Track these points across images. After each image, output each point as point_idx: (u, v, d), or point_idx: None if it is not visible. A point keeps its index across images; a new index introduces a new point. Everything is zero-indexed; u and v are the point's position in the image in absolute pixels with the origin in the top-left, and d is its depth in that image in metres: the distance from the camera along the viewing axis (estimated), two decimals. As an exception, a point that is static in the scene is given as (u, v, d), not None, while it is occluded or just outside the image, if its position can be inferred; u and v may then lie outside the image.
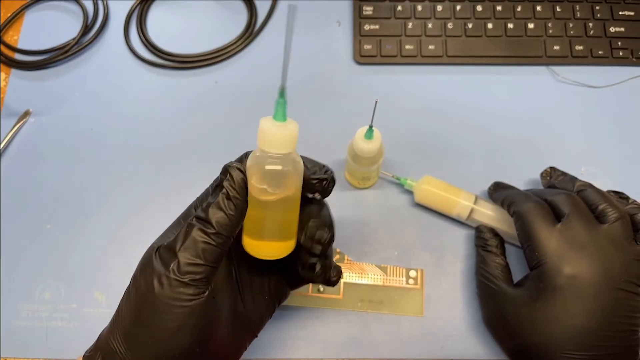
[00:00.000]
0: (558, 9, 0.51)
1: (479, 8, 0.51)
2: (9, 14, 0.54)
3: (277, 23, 0.53)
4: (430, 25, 0.51)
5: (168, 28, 0.54)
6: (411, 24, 0.51)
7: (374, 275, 0.43)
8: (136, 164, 0.47)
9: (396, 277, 0.43)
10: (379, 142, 0.39)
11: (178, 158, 0.48)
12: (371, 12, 0.52)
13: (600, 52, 0.50)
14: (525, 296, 0.35)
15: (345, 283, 0.42)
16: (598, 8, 0.51)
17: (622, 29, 0.51)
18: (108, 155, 0.48)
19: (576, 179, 0.39)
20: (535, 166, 0.44)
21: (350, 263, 0.43)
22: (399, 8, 0.52)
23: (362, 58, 0.51)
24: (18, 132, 0.49)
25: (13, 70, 0.52)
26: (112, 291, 0.43)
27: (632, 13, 0.51)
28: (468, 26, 0.51)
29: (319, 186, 0.29)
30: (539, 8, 0.51)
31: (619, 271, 0.33)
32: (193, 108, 0.50)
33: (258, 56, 0.52)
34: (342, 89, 0.50)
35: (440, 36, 0.51)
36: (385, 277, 0.43)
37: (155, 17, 0.54)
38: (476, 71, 0.51)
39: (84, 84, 0.51)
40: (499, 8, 0.51)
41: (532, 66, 0.50)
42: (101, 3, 0.54)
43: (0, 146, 0.48)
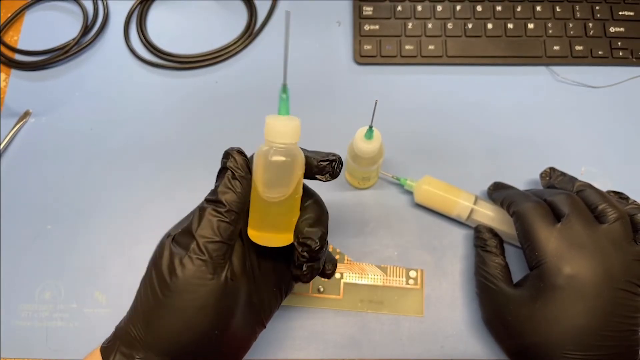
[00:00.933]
0: (558, 9, 0.51)
1: (479, 8, 0.51)
2: (9, 14, 0.54)
3: (277, 23, 0.53)
4: (430, 25, 0.51)
5: (168, 28, 0.54)
6: (411, 24, 0.51)
7: (374, 275, 0.43)
8: (136, 164, 0.47)
9: (396, 277, 0.43)
10: (379, 142, 0.39)
11: (178, 158, 0.48)
12: (371, 13, 0.52)
13: (600, 52, 0.50)
14: (525, 296, 0.35)
15: (345, 283, 0.42)
16: (598, 8, 0.51)
17: (622, 29, 0.51)
18: (108, 155, 0.48)
19: (575, 179, 0.39)
20: (535, 166, 0.44)
21: (350, 263, 0.43)
22: (399, 8, 0.52)
23: (362, 58, 0.51)
24: (18, 133, 0.49)
25: (13, 70, 0.52)
26: (112, 291, 0.43)
27: (632, 13, 0.51)
28: (468, 26, 0.51)
29: (329, 167, 0.30)
30: (539, 8, 0.51)
31: (619, 271, 0.33)
32: (193, 108, 0.50)
33: (258, 56, 0.52)
34: (342, 89, 0.50)
35: (440, 36, 0.51)
36: (385, 277, 0.43)
37: (155, 17, 0.54)
38: (476, 71, 0.51)
39: (84, 84, 0.51)
40: (499, 8, 0.51)
41: (532, 66, 0.51)
42: (101, 3, 0.54)
43: (0, 146, 0.48)
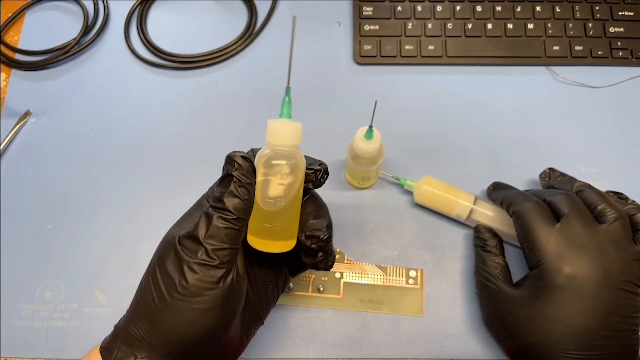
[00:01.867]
0: (557, 9, 0.51)
1: (479, 8, 0.51)
2: (10, 14, 0.54)
3: (277, 23, 0.54)
4: (430, 25, 0.51)
5: (168, 28, 0.54)
6: (411, 25, 0.51)
7: (374, 275, 0.43)
8: (136, 164, 0.48)
9: (396, 277, 0.43)
10: (379, 142, 0.39)
11: (178, 158, 0.48)
12: (371, 13, 0.52)
13: (599, 52, 0.50)
14: (524, 296, 0.35)
15: (345, 283, 0.42)
16: (597, 8, 0.51)
17: (622, 29, 0.51)
18: (108, 155, 0.48)
19: (575, 180, 0.40)
20: (534, 166, 0.44)
21: (350, 263, 0.43)
22: (399, 8, 0.52)
23: (362, 58, 0.51)
24: (18, 133, 0.49)
25: (13, 70, 0.52)
26: (113, 291, 0.43)
27: (632, 13, 0.51)
28: (468, 26, 0.51)
29: (313, 176, 0.31)
30: (539, 8, 0.51)
31: (618, 271, 0.33)
32: (193, 108, 0.50)
33: (258, 56, 0.52)
34: (342, 89, 0.50)
35: (440, 36, 0.51)
36: (385, 277, 0.43)
37: (155, 18, 0.54)
38: (476, 71, 0.51)
39: (84, 85, 0.51)
40: (499, 8, 0.52)
41: (532, 66, 0.51)
42: (101, 3, 0.55)
43: (0, 146, 0.48)
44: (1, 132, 0.49)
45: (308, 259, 0.32)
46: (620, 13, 0.51)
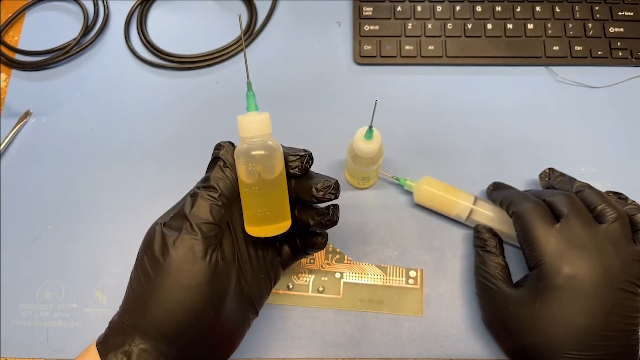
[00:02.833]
0: (557, 10, 0.51)
1: (479, 9, 0.52)
2: (10, 15, 0.54)
3: (277, 23, 0.54)
4: (429, 25, 0.51)
5: (168, 28, 0.54)
6: (411, 25, 0.51)
7: (374, 275, 0.43)
8: (136, 164, 0.48)
9: (396, 277, 0.43)
10: (379, 143, 0.39)
11: (178, 158, 0.48)
12: (371, 13, 0.52)
13: (599, 53, 0.50)
14: (524, 296, 0.35)
15: (345, 283, 0.42)
16: (597, 8, 0.51)
17: (622, 30, 0.51)
18: (108, 155, 0.48)
19: (575, 180, 0.40)
20: (534, 166, 0.44)
21: (350, 263, 0.43)
22: (399, 9, 0.52)
23: (362, 58, 0.51)
24: (18, 133, 0.49)
25: (13, 70, 0.52)
26: (113, 291, 0.43)
27: (632, 13, 0.51)
28: (467, 27, 0.51)
29: (298, 162, 0.32)
30: (539, 8, 0.51)
31: (618, 271, 0.33)
32: (193, 108, 0.50)
33: (258, 56, 0.52)
34: (342, 90, 0.50)
35: (439, 37, 0.51)
36: (385, 277, 0.43)
37: (155, 18, 0.54)
38: (476, 72, 0.51)
39: (85, 85, 0.51)
40: (499, 8, 0.52)
41: (532, 66, 0.51)
42: (101, 3, 0.55)
43: (0, 146, 0.48)
44: (1, 132, 0.49)
45: (317, 218, 0.33)
46: (620, 13, 0.51)
